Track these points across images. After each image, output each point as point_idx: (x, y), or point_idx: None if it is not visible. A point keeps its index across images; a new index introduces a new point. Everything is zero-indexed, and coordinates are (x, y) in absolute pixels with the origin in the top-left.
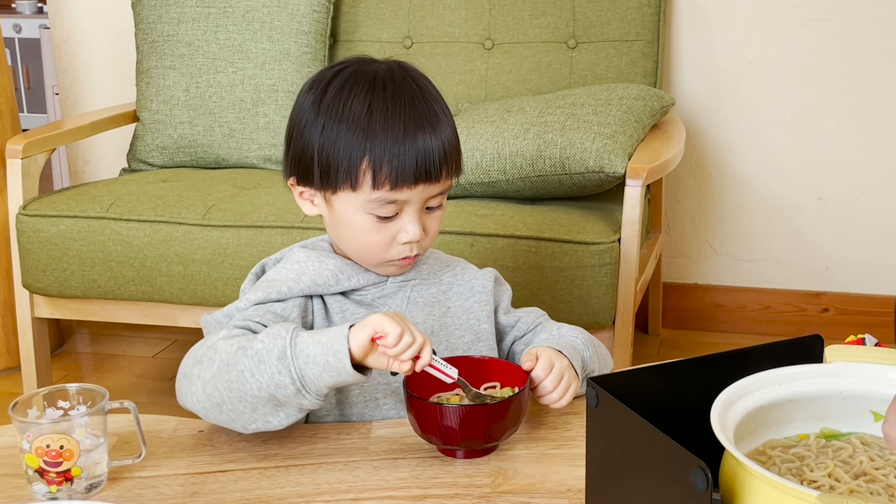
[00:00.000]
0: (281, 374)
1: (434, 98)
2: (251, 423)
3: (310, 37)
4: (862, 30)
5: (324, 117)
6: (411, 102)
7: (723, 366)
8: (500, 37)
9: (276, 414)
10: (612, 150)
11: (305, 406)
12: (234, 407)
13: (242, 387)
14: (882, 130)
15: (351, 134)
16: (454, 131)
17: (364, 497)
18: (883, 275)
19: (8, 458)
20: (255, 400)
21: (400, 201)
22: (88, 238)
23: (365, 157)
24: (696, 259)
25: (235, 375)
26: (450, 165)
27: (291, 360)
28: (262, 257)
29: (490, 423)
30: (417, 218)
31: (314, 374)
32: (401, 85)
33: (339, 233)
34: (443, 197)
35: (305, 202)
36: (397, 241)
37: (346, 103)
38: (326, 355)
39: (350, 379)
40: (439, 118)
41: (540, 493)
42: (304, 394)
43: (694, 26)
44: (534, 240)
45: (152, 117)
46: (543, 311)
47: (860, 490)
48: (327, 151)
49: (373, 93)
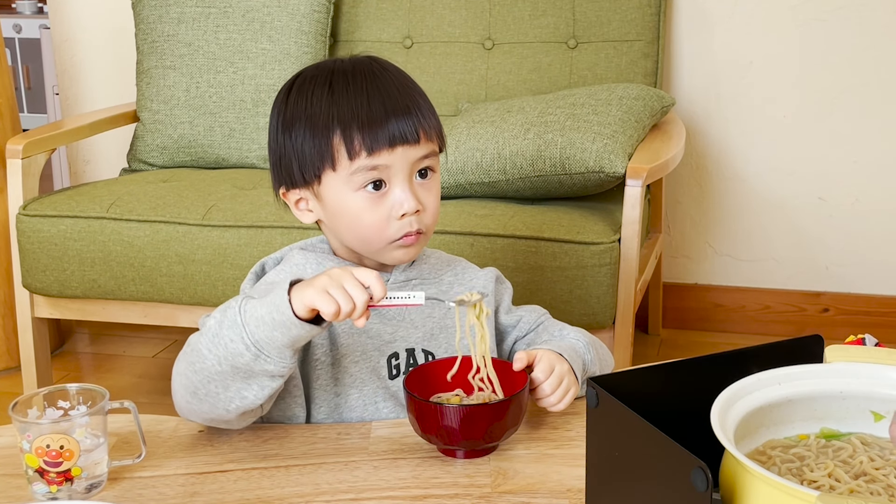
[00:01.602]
0: (234, 342)
1: (404, 77)
2: (230, 403)
3: (310, 37)
4: (862, 30)
5: (290, 117)
6: (373, 76)
7: (723, 366)
8: (500, 37)
9: (249, 387)
10: (613, 150)
11: (273, 371)
12: (206, 390)
13: (204, 365)
14: (882, 130)
15: (317, 119)
16: (427, 101)
17: (364, 497)
18: (883, 275)
19: (8, 458)
20: (221, 375)
21: (382, 167)
22: (88, 238)
23: (335, 134)
24: (696, 259)
25: (196, 357)
26: (426, 129)
27: (242, 326)
28: (262, 257)
29: (490, 423)
30: (408, 187)
31: (265, 335)
32: (363, 67)
33: (337, 227)
34: (431, 162)
35: (302, 211)
36: (393, 216)
37: (307, 97)
38: (272, 312)
39: (301, 331)
40: (409, 88)
41: (540, 493)
42: (264, 357)
43: (694, 26)
44: (534, 240)
45: (152, 117)
46: (545, 309)
47: (860, 490)
48: (300, 145)
49: (332, 79)
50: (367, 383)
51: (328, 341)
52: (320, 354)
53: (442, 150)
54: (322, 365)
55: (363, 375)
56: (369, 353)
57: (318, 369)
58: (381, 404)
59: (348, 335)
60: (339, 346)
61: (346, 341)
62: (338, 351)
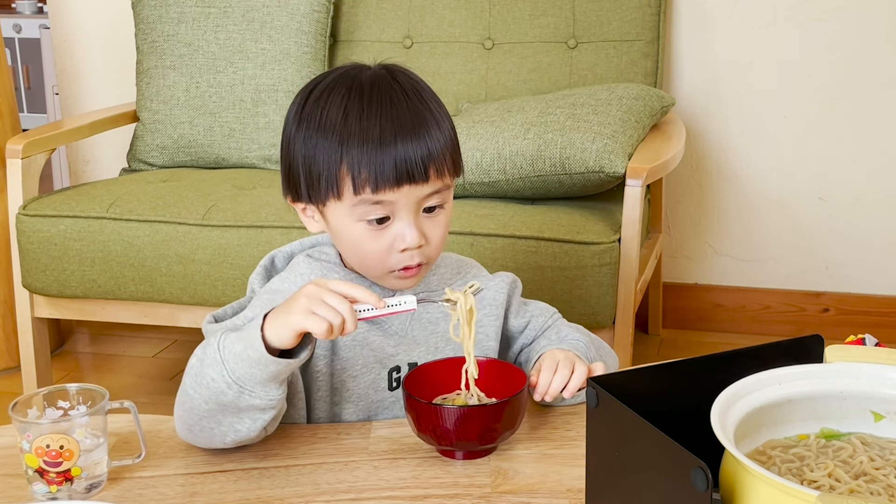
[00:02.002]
0: (215, 381)
1: (422, 99)
2: (225, 437)
3: (310, 37)
4: (862, 30)
5: (304, 127)
6: (390, 103)
7: (723, 366)
8: (500, 37)
9: (241, 421)
10: (612, 150)
11: (260, 404)
12: (200, 426)
13: (192, 405)
14: (882, 130)
15: (328, 141)
16: (446, 130)
17: (364, 497)
18: (883, 275)
19: (8, 458)
20: (211, 413)
21: (386, 203)
22: (88, 238)
23: (343, 163)
24: (696, 259)
25: (184, 397)
26: (437, 164)
27: (222, 363)
28: (262, 258)
29: (485, 425)
30: (413, 222)
31: (245, 371)
32: (381, 87)
33: (341, 246)
34: (441, 197)
35: (309, 220)
36: (395, 248)
37: (323, 111)
38: (247, 349)
39: (279, 367)
40: (424, 118)
41: (540, 493)
42: (248, 393)
43: (694, 26)
44: (534, 240)
45: (152, 117)
46: (555, 309)
47: (860, 490)
48: (308, 162)
49: (349, 97)
50: (363, 398)
51: (330, 353)
52: (322, 366)
53: (457, 175)
54: (322, 376)
55: (360, 391)
56: (370, 366)
57: (318, 380)
58: (381, 415)
59: (350, 348)
60: (340, 359)
61: (347, 355)
62: (338, 364)
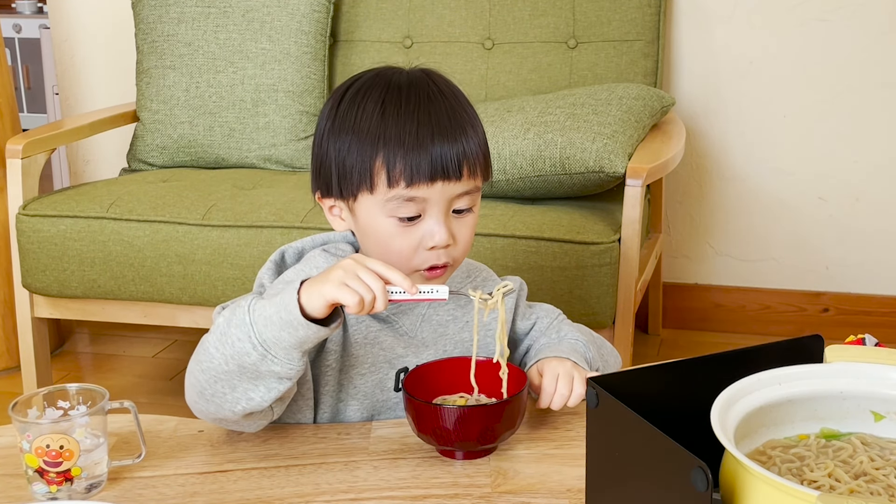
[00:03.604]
0: (241, 340)
1: (457, 100)
2: (236, 405)
3: (310, 37)
4: (862, 30)
5: (339, 125)
6: (427, 100)
7: (723, 366)
8: (500, 37)
9: (255, 388)
10: (612, 150)
11: (279, 372)
12: (213, 390)
13: (212, 364)
14: (882, 130)
15: (364, 135)
16: (480, 132)
17: (364, 497)
18: (883, 275)
19: (8, 458)
20: (228, 375)
21: (419, 199)
22: (88, 238)
23: (378, 156)
24: (696, 259)
25: (204, 355)
26: (471, 163)
27: (251, 325)
28: (262, 258)
29: (485, 425)
30: (443, 220)
31: (273, 335)
32: (419, 87)
33: (367, 243)
34: (471, 199)
35: (335, 218)
36: (423, 246)
37: (359, 108)
38: (280, 312)
39: (308, 332)
40: (461, 117)
41: (540, 493)
42: (271, 357)
43: (694, 26)
44: (534, 240)
45: (152, 117)
46: (559, 309)
47: (860, 490)
48: (342, 157)
49: (387, 94)
50: (369, 397)
51: (341, 348)
52: (332, 361)
53: (486, 180)
54: (332, 371)
55: (367, 389)
56: (379, 365)
57: (327, 375)
58: (385, 415)
59: (360, 346)
60: (350, 356)
61: (358, 352)
62: (348, 360)
